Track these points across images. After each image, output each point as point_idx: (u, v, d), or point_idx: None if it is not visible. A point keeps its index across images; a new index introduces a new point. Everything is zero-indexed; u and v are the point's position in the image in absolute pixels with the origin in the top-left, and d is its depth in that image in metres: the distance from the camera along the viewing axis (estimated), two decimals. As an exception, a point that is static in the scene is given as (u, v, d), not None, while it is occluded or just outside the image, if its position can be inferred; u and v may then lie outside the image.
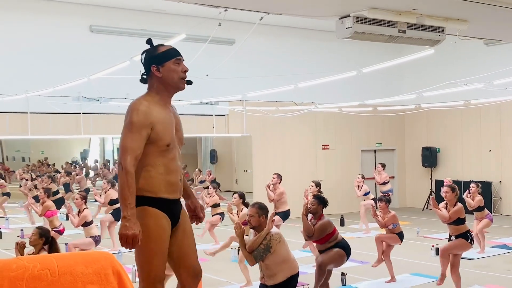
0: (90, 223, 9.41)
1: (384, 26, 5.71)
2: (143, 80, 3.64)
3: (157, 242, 3.49)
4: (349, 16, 5.72)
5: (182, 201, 3.77)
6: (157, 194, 3.49)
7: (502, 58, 14.03)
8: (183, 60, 3.65)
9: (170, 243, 3.58)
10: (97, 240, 9.38)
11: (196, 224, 3.99)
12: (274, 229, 5.75)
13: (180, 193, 3.67)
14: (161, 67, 3.54)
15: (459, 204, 7.42)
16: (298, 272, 5.80)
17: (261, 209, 5.75)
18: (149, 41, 3.64)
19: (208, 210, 11.54)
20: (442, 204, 7.59)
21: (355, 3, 5.54)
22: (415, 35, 5.93)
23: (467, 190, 11.14)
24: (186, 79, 3.63)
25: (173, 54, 3.59)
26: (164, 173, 3.51)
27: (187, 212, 3.81)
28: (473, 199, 10.48)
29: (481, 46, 14.76)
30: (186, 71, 3.62)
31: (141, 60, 3.62)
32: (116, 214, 10.99)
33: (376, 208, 9.17)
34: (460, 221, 7.36)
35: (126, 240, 3.30)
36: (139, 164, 3.44)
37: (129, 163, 3.35)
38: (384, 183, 13.55)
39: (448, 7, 5.70)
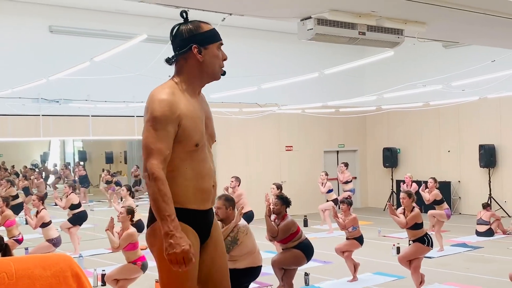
0: (48, 224, 9.29)
1: (344, 28, 5.77)
2: (169, 61, 3.02)
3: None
4: (310, 18, 5.76)
5: None
6: (184, 205, 2.88)
7: (460, 60, 14.35)
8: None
9: (199, 260, 2.99)
10: (55, 242, 9.23)
11: None
12: (241, 222, 5.78)
13: (212, 201, 3.08)
14: (204, 49, 2.92)
15: (416, 210, 7.58)
16: (260, 266, 5.83)
17: (228, 201, 5.78)
18: (184, 14, 3.00)
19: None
20: (400, 210, 7.74)
21: (316, 5, 5.58)
22: (375, 37, 6.01)
23: (423, 184, 11.46)
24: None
25: (218, 36, 3.00)
26: (192, 179, 2.91)
27: (219, 224, 3.25)
28: (430, 193, 10.82)
29: (440, 48, 15.10)
30: (225, 59, 3.04)
31: (172, 35, 2.99)
32: (77, 219, 10.82)
33: (339, 208, 9.27)
34: (418, 226, 7.51)
35: (177, 261, 2.71)
36: None
37: (157, 167, 2.76)
38: (347, 182, 13.71)
39: (407, 9, 5.79)
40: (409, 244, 8.06)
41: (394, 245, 10.12)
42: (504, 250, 10.28)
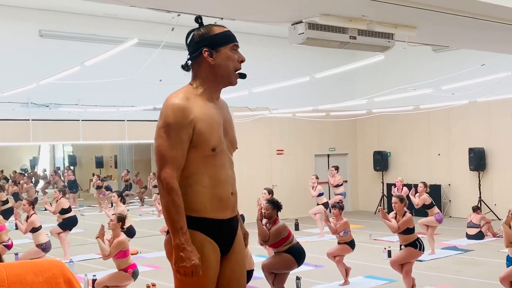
0: (39, 228, 9.24)
1: (335, 32, 5.79)
2: (186, 67, 2.97)
3: (201, 277, 2.76)
4: (301, 22, 5.78)
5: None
6: (201, 214, 2.78)
7: (450, 64, 14.44)
8: (239, 48, 2.97)
9: (218, 273, 2.87)
10: (45, 247, 9.18)
11: None
12: None
13: (233, 210, 2.92)
14: (215, 52, 2.86)
15: (408, 214, 7.60)
16: (252, 270, 5.83)
17: None
18: (198, 19, 2.94)
19: (162, 217, 11.44)
20: (391, 214, 7.76)
21: (307, 9, 5.60)
22: (366, 41, 6.04)
23: (413, 189, 11.52)
24: (239, 72, 2.98)
25: (231, 38, 2.92)
26: (209, 186, 2.79)
27: (243, 235, 3.09)
28: (420, 197, 10.89)
29: (430, 52, 15.19)
30: (243, 61, 2.98)
31: (187, 42, 2.93)
32: (67, 224, 10.77)
33: (330, 212, 9.28)
34: (409, 231, 7.53)
35: (185, 274, 2.68)
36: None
37: (171, 176, 2.69)
38: (338, 186, 13.73)
39: (397, 13, 5.82)
40: (401, 249, 8.09)
41: (385, 248, 10.14)
42: (494, 253, 10.33)
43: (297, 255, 6.94)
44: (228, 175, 2.88)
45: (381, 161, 17.15)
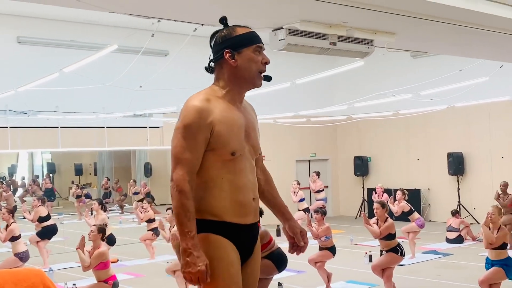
0: (18, 237, 9.12)
1: (315, 38, 5.83)
2: (209, 69, 2.89)
3: (225, 280, 2.69)
4: (281, 28, 5.80)
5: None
6: (222, 218, 2.71)
7: (428, 69, 14.59)
8: (264, 49, 2.86)
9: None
10: (22, 257, 9.06)
11: (297, 254, 3.16)
12: None
13: (255, 216, 2.86)
14: (237, 53, 2.76)
15: (390, 220, 7.66)
16: None
17: None
18: (223, 20, 2.86)
19: (143, 225, 11.37)
20: (373, 220, 7.80)
21: (288, 15, 5.63)
22: (346, 47, 6.08)
23: (391, 197, 11.61)
24: (264, 74, 2.85)
25: (254, 39, 2.81)
26: (229, 191, 2.72)
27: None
28: (398, 205, 10.97)
29: (409, 58, 15.35)
30: (267, 63, 2.83)
31: (211, 44, 2.88)
32: (46, 232, 10.63)
33: (311, 217, 9.31)
34: (391, 236, 7.58)
35: (191, 280, 2.61)
36: (198, 179, 2.70)
37: (183, 178, 2.62)
38: (319, 191, 13.77)
39: (376, 20, 5.88)
40: (381, 254, 8.13)
41: (366, 253, 10.18)
42: (474, 257, 10.43)
43: (278, 261, 6.92)
44: (248, 180, 2.79)
45: (361, 166, 17.24)
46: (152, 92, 11.62)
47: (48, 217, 10.77)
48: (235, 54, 2.76)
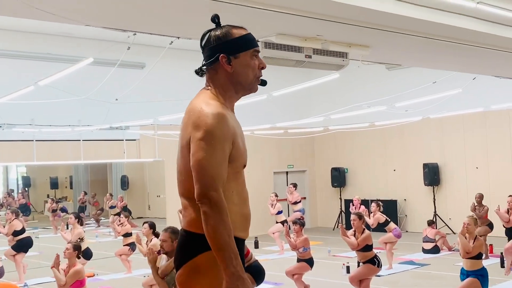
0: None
1: (291, 51, 5.88)
2: (199, 72, 2.64)
3: None
4: (257, 41, 5.84)
5: None
6: (234, 233, 2.46)
7: (403, 81, 14.76)
8: (259, 52, 2.68)
9: None
10: (-1, 272, 8.92)
11: None
12: None
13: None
14: (234, 58, 2.53)
15: (367, 231, 7.73)
16: None
17: (174, 233, 5.70)
18: (215, 19, 2.61)
19: (120, 239, 11.27)
20: (350, 231, 7.86)
21: (263, 28, 5.67)
22: (321, 60, 6.15)
23: (366, 210, 11.71)
24: (260, 78, 2.67)
25: (251, 42, 2.59)
26: (238, 204, 2.55)
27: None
28: (374, 217, 11.06)
29: (384, 70, 15.52)
30: (264, 67, 2.65)
31: (201, 44, 2.62)
32: (21, 246, 10.48)
33: (289, 228, 9.32)
34: (368, 248, 7.64)
35: None
36: None
37: (222, 195, 2.37)
38: (296, 203, 13.81)
39: (351, 33, 5.96)
40: (359, 265, 8.17)
41: (344, 264, 10.22)
42: (450, 267, 10.53)
43: (256, 273, 6.87)
44: (247, 192, 2.65)
45: (338, 177, 17.34)
46: (128, 105, 11.57)
47: (23, 231, 10.62)
48: (232, 59, 2.54)
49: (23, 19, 10.43)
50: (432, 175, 15.29)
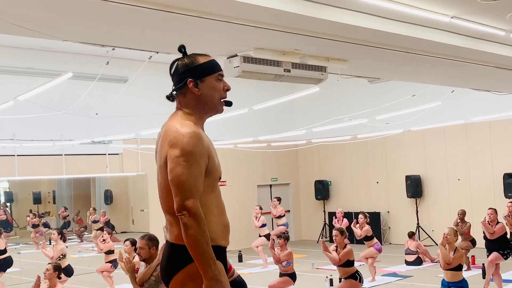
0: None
1: (269, 65, 5.93)
2: (170, 97, 2.91)
3: None
4: (236, 56, 5.89)
5: None
6: (216, 242, 2.70)
7: (384, 94, 14.88)
8: (224, 76, 2.95)
9: None
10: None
11: None
12: None
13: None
14: (201, 82, 2.80)
15: (349, 247, 7.73)
16: None
17: (151, 240, 5.71)
18: (181, 49, 2.88)
19: (102, 255, 11.16)
20: (332, 246, 7.87)
21: (242, 43, 5.71)
22: (300, 74, 6.19)
23: (354, 220, 11.70)
24: (225, 100, 2.92)
25: (215, 67, 2.87)
26: (218, 215, 2.77)
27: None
28: (361, 229, 11.02)
29: (365, 83, 15.64)
30: (228, 89, 2.91)
31: (171, 72, 2.89)
32: (1, 265, 10.33)
33: (274, 241, 9.32)
34: (350, 263, 7.65)
35: None
36: None
37: (197, 206, 2.58)
38: (280, 217, 13.80)
39: (329, 47, 6.01)
40: (340, 281, 8.16)
41: (327, 277, 10.21)
42: (432, 278, 10.57)
43: None
44: (223, 203, 2.87)
45: (322, 190, 17.38)
46: (110, 119, 11.53)
47: (4, 251, 10.47)
48: (198, 83, 2.79)
49: (1, 34, 10.40)
50: (415, 187, 15.38)
